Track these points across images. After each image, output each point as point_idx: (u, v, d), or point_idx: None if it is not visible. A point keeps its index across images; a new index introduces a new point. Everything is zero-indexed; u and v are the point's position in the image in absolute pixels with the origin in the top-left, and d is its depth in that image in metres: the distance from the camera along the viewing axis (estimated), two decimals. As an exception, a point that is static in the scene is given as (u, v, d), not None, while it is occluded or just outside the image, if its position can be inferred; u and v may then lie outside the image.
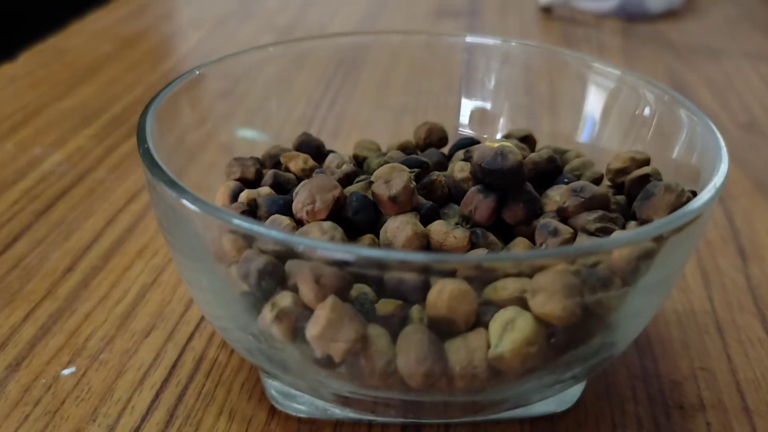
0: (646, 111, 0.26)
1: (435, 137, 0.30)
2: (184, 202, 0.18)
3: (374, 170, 0.28)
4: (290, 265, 0.20)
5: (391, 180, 0.23)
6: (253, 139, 0.32)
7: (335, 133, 0.35)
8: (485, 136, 0.31)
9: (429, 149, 0.30)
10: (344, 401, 0.20)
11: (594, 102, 0.28)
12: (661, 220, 0.18)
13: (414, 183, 0.23)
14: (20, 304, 0.27)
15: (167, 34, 0.57)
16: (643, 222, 0.20)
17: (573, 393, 0.23)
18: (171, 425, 0.22)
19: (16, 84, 0.46)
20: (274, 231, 0.17)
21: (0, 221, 0.32)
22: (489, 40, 0.31)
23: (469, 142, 0.30)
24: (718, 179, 0.19)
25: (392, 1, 0.65)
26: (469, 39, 0.31)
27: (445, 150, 0.31)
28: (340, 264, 0.18)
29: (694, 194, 0.21)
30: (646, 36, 0.58)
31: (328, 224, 0.21)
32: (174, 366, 0.24)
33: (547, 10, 0.62)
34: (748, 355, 0.26)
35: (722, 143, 0.21)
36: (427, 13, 0.62)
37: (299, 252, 0.17)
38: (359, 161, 0.30)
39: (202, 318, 0.26)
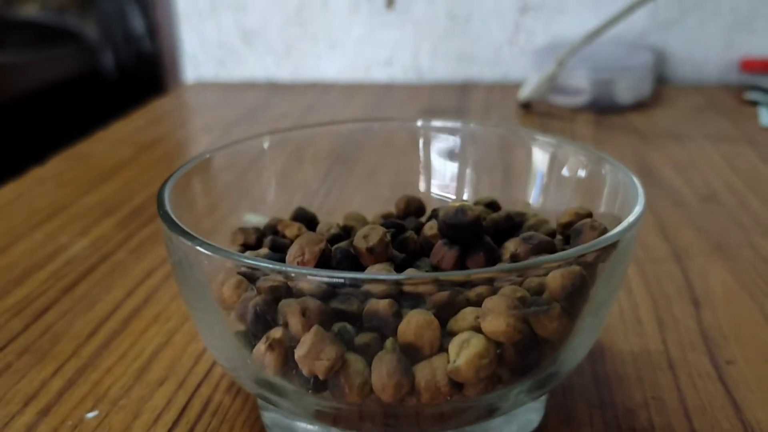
0: (581, 173, 0.30)
1: (413, 207, 0.34)
2: (198, 248, 0.22)
3: (359, 236, 0.32)
4: (282, 305, 0.24)
5: (368, 235, 0.27)
6: (258, 222, 0.37)
7: (329, 214, 0.40)
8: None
9: (408, 218, 0.34)
10: (332, 419, 0.24)
11: (541, 168, 0.33)
12: (582, 245, 0.22)
13: (389, 238, 0.27)
14: (49, 362, 0.30)
15: (181, 140, 0.63)
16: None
17: (534, 419, 0.26)
18: (181, 456, 0.25)
19: (45, 185, 0.51)
20: (270, 263, 0.21)
21: (31, 297, 0.36)
22: (456, 124, 0.36)
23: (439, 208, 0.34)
24: (632, 216, 0.23)
25: (386, 105, 0.71)
26: (435, 123, 0.36)
27: (423, 219, 0.35)
28: (325, 296, 0.22)
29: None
30: (616, 125, 0.63)
31: (314, 272, 0.25)
32: (184, 408, 0.28)
33: (526, 106, 0.68)
34: (696, 386, 0.29)
35: (640, 189, 0.25)
36: (418, 113, 0.68)
37: (291, 278, 0.21)
38: (347, 230, 0.34)
39: (210, 369, 0.30)
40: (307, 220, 0.33)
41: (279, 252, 0.30)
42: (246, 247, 0.30)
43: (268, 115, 0.68)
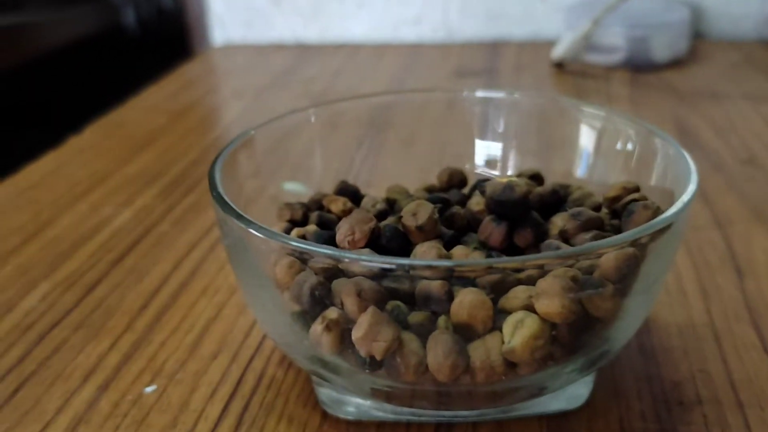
0: (629, 145, 0.30)
1: (456, 179, 0.35)
2: (251, 230, 0.23)
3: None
4: (336, 284, 0.25)
5: (417, 213, 0.27)
6: (297, 191, 0.37)
7: (368, 184, 0.40)
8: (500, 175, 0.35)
9: (451, 190, 0.34)
10: (386, 396, 0.24)
11: (587, 141, 0.32)
12: (636, 228, 0.22)
13: (437, 215, 0.27)
14: (104, 337, 0.31)
15: (213, 106, 0.63)
16: (628, 237, 0.24)
17: (583, 393, 0.27)
18: (239, 430, 0.26)
19: (84, 154, 0.51)
20: (324, 248, 0.21)
21: (81, 270, 0.37)
22: (497, 94, 0.35)
23: (485, 182, 0.34)
24: (686, 196, 0.23)
25: (416, 66, 0.70)
26: (480, 94, 0.36)
27: (466, 190, 0.35)
28: (378, 276, 0.23)
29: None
30: (652, 84, 0.62)
31: (366, 251, 0.26)
32: (239, 383, 0.28)
33: (559, 66, 0.67)
34: (742, 359, 0.29)
35: (692, 166, 0.25)
36: (449, 75, 0.67)
37: (345, 265, 0.21)
38: (391, 203, 0.34)
39: (260, 343, 0.31)
40: (350, 193, 0.33)
41: (326, 228, 0.30)
42: (293, 222, 0.31)
43: (298, 79, 0.68)
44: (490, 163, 0.36)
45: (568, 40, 0.65)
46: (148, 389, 0.28)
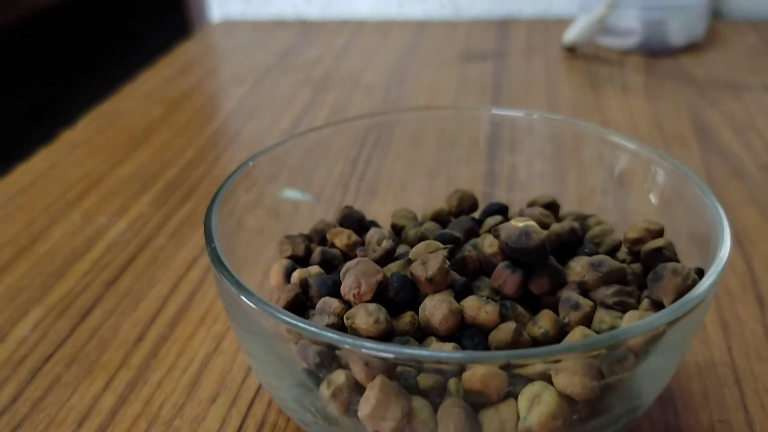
0: (659, 180, 0.28)
1: (466, 204, 0.33)
2: (245, 300, 0.21)
3: (411, 240, 0.31)
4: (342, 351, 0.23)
5: (427, 261, 0.25)
6: (297, 198, 0.35)
7: (372, 192, 0.38)
8: (510, 210, 0.33)
9: (461, 216, 0.32)
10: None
11: (610, 170, 0.31)
12: (668, 309, 0.20)
13: (448, 264, 0.25)
14: (99, 374, 0.30)
15: (211, 93, 0.61)
16: (653, 302, 0.22)
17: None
18: (239, 486, 0.25)
19: (77, 151, 0.50)
20: (324, 331, 0.20)
21: (74, 292, 0.35)
22: (514, 113, 0.33)
23: (497, 209, 0.33)
24: (717, 265, 0.21)
25: (422, 49, 0.67)
26: (494, 111, 0.34)
27: (476, 214, 0.33)
28: (384, 336, 0.21)
29: (699, 273, 0.23)
30: (669, 71, 0.59)
31: (373, 306, 0.24)
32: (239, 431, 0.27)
33: (571, 50, 0.64)
34: (764, 406, 0.27)
35: (726, 224, 0.23)
36: (455, 58, 0.65)
37: (345, 349, 0.20)
38: (397, 230, 0.33)
39: (261, 385, 0.29)
40: (354, 222, 0.31)
41: (330, 266, 0.29)
42: (294, 259, 0.29)
43: (301, 59, 0.65)
44: (500, 184, 0.34)
45: (581, 24, 0.62)
46: (145, 438, 0.27)
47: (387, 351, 0.19)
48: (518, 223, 0.26)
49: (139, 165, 0.47)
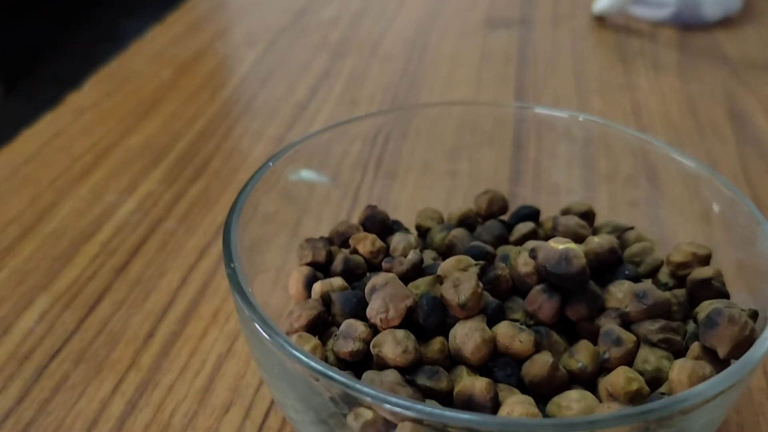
0: (709, 202, 0.26)
1: (495, 207, 0.31)
2: (266, 337, 0.20)
3: (438, 246, 0.29)
4: (366, 377, 0.22)
5: (459, 284, 0.24)
6: (314, 180, 0.34)
7: (392, 176, 0.36)
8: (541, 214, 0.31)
9: (490, 220, 0.31)
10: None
11: (653, 182, 0.29)
12: (731, 370, 0.18)
13: (481, 287, 0.24)
14: (107, 374, 0.29)
15: (223, 56, 0.58)
16: (706, 349, 0.21)
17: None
18: (254, 508, 0.24)
19: (84, 117, 0.47)
20: (349, 380, 0.18)
21: (83, 278, 0.34)
22: (550, 112, 0.31)
23: (528, 212, 0.31)
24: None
25: (443, 13, 0.64)
26: (522, 107, 0.32)
27: (506, 217, 0.32)
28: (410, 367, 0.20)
29: (754, 316, 0.22)
30: (703, 48, 0.57)
31: (401, 333, 0.22)
32: (253, 446, 0.26)
33: (600, 19, 0.61)
34: (803, 438, 0.26)
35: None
36: (479, 24, 0.62)
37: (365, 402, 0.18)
38: (422, 232, 0.31)
39: (277, 391, 0.28)
40: (378, 224, 0.30)
41: (353, 275, 0.27)
42: (315, 266, 0.27)
43: (317, 19, 0.63)
44: (530, 185, 0.32)
45: (613, -7, 0.59)
46: (156, 451, 0.26)
47: (412, 410, 0.18)
48: (557, 245, 0.24)
49: (148, 135, 0.45)
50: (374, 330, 0.23)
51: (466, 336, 0.23)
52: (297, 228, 0.32)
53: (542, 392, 0.23)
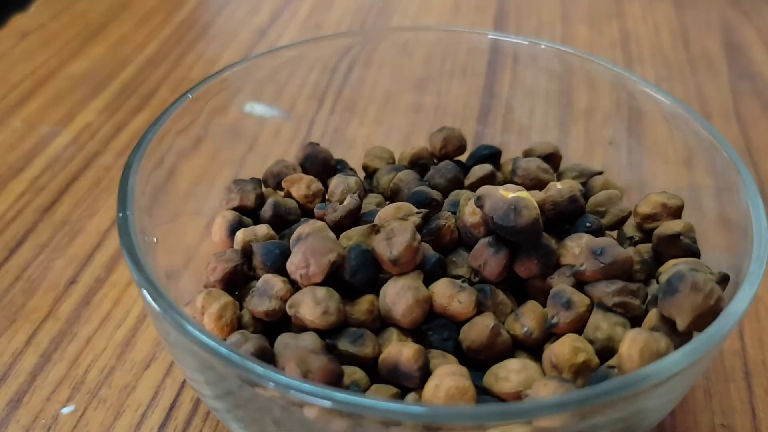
0: (692, 146, 0.23)
1: (451, 147, 0.28)
2: (150, 301, 0.17)
3: (384, 189, 0.27)
4: (279, 344, 0.19)
5: (393, 237, 0.21)
6: (262, 114, 0.31)
7: (351, 109, 0.33)
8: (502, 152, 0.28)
9: (445, 161, 0.27)
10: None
11: (634, 122, 0.26)
12: (689, 347, 0.16)
13: (418, 239, 0.21)
14: (23, 324, 0.26)
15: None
16: (664, 318, 0.18)
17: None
18: (168, 475, 0.22)
19: (27, 41, 0.44)
20: (245, 360, 0.16)
21: (6, 218, 0.31)
22: (519, 41, 0.28)
23: (488, 153, 0.28)
24: (750, 286, 0.17)
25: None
26: (494, 36, 0.28)
27: (464, 158, 0.29)
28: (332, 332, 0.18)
29: (724, 280, 0.19)
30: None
31: (322, 292, 0.20)
32: (172, 407, 0.24)
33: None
34: (774, 407, 0.24)
35: (765, 226, 0.19)
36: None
37: (269, 390, 0.16)
38: (369, 173, 0.28)
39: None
40: (319, 164, 0.27)
41: (284, 223, 0.24)
42: (242, 211, 0.25)
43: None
44: (495, 123, 0.29)
45: None
46: (66, 410, 0.24)
47: (318, 396, 0.15)
48: (507, 193, 0.21)
49: (92, 61, 0.42)
50: (296, 287, 0.21)
51: (398, 295, 0.20)
52: (241, 167, 0.29)
53: (482, 359, 0.20)
